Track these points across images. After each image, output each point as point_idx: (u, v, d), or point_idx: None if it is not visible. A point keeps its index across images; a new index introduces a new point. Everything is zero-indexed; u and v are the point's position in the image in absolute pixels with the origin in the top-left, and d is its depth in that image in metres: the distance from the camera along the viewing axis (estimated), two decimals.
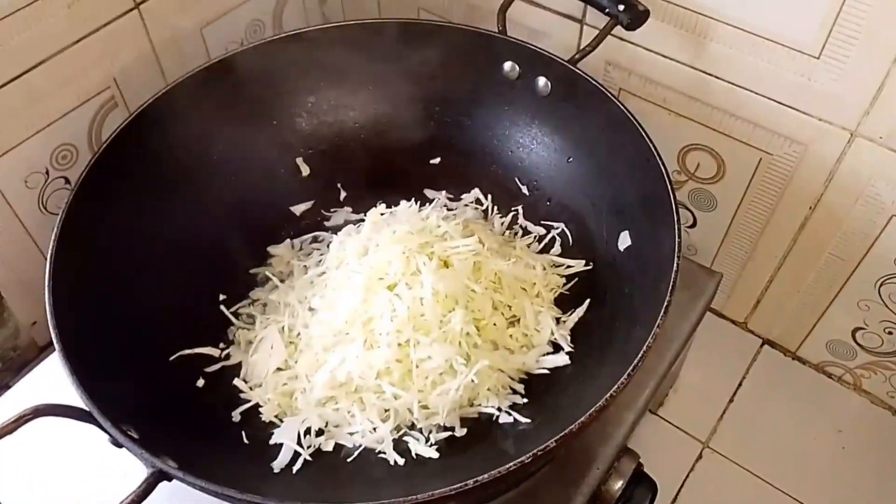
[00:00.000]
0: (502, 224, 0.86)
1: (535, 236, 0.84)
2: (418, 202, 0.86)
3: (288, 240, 0.85)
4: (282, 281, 0.81)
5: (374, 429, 0.69)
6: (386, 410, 0.71)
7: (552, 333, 0.75)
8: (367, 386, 0.70)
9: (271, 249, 0.84)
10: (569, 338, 0.75)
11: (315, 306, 0.75)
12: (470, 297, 0.73)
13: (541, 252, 0.83)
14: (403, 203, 0.85)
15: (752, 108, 0.83)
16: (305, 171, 0.89)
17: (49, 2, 0.74)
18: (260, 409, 0.72)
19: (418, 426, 0.70)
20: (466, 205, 0.87)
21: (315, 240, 0.86)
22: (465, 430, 0.70)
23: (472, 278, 0.74)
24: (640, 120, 0.73)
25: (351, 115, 0.90)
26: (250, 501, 0.52)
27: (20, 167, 0.79)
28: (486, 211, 0.87)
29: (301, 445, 0.68)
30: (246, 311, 0.80)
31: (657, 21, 0.82)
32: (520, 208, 0.86)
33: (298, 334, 0.75)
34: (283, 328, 0.76)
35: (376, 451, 0.69)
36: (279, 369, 0.74)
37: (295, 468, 0.67)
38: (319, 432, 0.69)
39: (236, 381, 0.73)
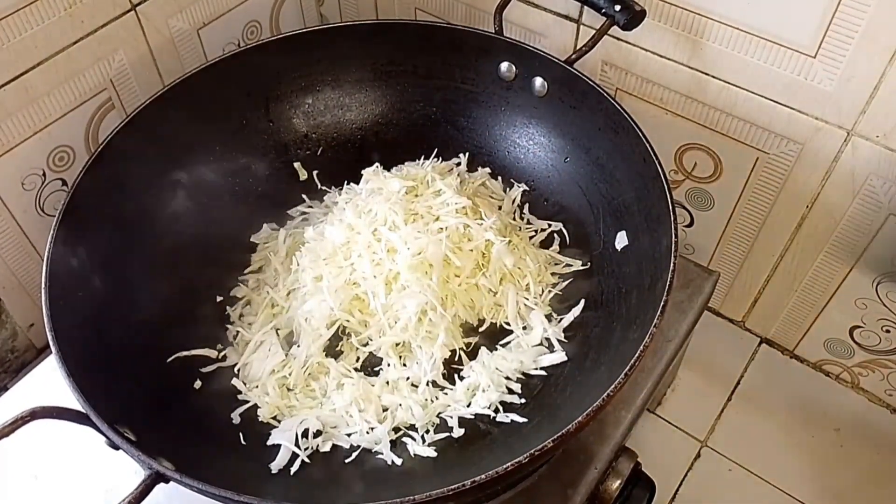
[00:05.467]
0: (513, 203, 0.86)
1: (537, 229, 0.84)
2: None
3: (265, 225, 0.86)
4: (260, 269, 0.83)
5: (372, 429, 0.69)
6: (384, 410, 0.71)
7: (544, 331, 0.75)
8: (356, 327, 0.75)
9: (254, 238, 0.85)
10: (562, 335, 0.75)
11: (308, 237, 0.79)
12: (447, 262, 0.75)
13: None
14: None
15: (749, 107, 0.83)
16: (303, 174, 0.89)
17: (47, 3, 0.74)
18: (258, 412, 0.72)
19: (416, 426, 0.70)
20: (482, 184, 0.87)
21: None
22: (462, 431, 0.70)
23: (457, 243, 0.76)
24: (637, 119, 0.73)
25: (348, 116, 0.91)
26: (248, 503, 0.52)
27: (17, 169, 0.79)
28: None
29: (298, 447, 0.68)
30: (240, 310, 0.80)
31: (653, 21, 0.82)
32: (522, 201, 0.86)
33: (289, 293, 0.78)
34: (278, 332, 0.76)
35: (374, 451, 0.69)
36: (276, 371, 0.74)
37: (293, 469, 0.67)
38: (317, 433, 0.69)
39: (234, 382, 0.74)
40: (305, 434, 0.69)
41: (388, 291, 0.73)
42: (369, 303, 0.74)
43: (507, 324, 0.77)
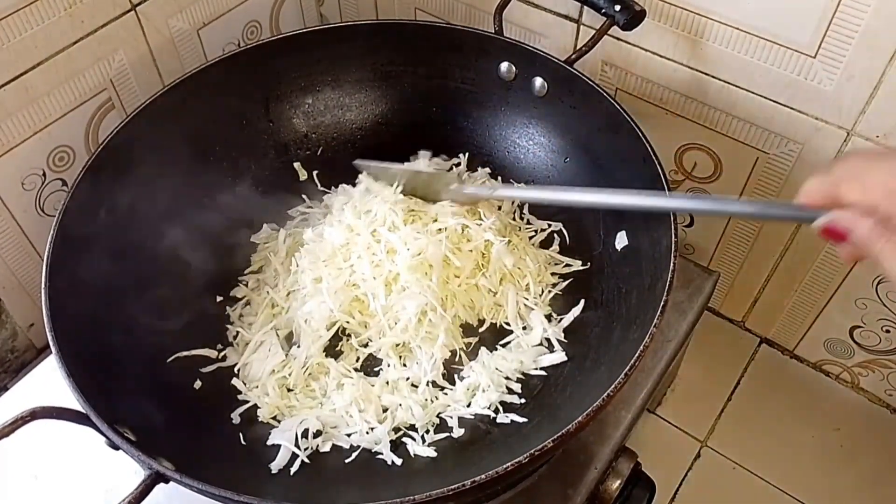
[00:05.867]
0: (513, 203, 0.86)
1: (537, 229, 0.84)
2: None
3: (265, 225, 0.86)
4: (260, 269, 0.83)
5: (372, 429, 0.69)
6: (384, 410, 0.71)
7: (544, 331, 0.75)
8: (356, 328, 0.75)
9: (254, 238, 0.85)
10: (562, 335, 0.75)
11: (307, 239, 0.79)
12: (446, 263, 0.75)
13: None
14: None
15: (749, 107, 0.83)
16: (303, 174, 0.89)
17: (47, 3, 0.74)
18: (258, 412, 0.72)
19: (416, 426, 0.70)
20: (483, 182, 0.87)
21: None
22: (462, 431, 0.70)
23: (457, 244, 0.75)
24: (637, 119, 0.73)
25: (348, 116, 0.91)
26: (248, 503, 0.52)
27: (17, 169, 0.79)
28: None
29: (298, 447, 0.68)
30: (240, 310, 0.80)
31: (653, 21, 0.82)
32: (522, 201, 0.86)
33: (289, 294, 0.78)
34: (277, 332, 0.76)
35: (374, 451, 0.69)
36: (276, 371, 0.74)
37: (293, 469, 0.67)
38: (317, 433, 0.69)
39: (235, 381, 0.74)
40: (305, 434, 0.69)
41: (387, 293, 0.73)
42: (369, 304, 0.74)
43: (507, 324, 0.77)
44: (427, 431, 0.70)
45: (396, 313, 0.73)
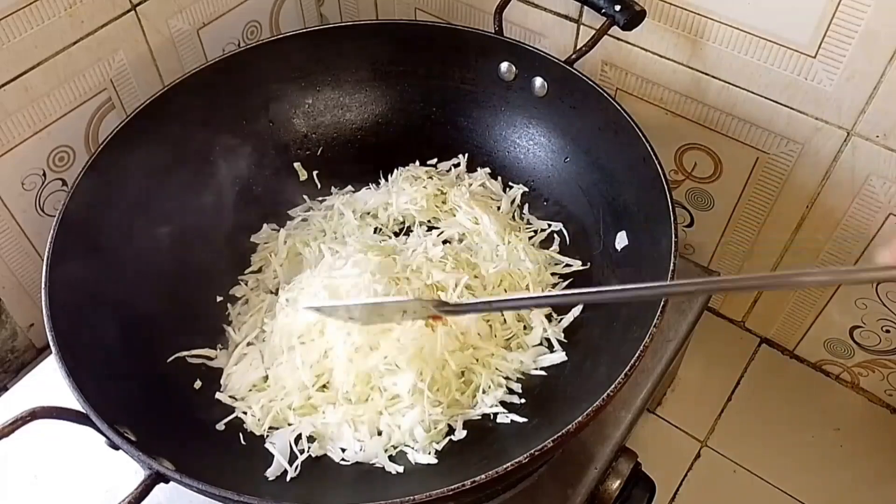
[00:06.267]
0: (512, 203, 0.86)
1: (536, 229, 0.84)
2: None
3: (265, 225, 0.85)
4: (260, 269, 0.82)
5: (363, 448, 0.67)
6: (379, 433, 0.69)
7: (544, 331, 0.75)
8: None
9: (254, 238, 0.84)
10: (562, 335, 0.75)
11: (282, 303, 0.75)
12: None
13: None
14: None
15: (749, 107, 0.83)
16: (303, 174, 0.89)
17: (47, 3, 0.74)
18: (244, 425, 0.70)
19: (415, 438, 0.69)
20: (482, 184, 0.87)
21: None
22: (464, 433, 0.69)
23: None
24: (637, 119, 0.73)
25: (348, 117, 0.91)
26: (248, 503, 0.52)
27: (17, 169, 0.79)
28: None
29: (296, 447, 0.67)
30: (239, 310, 0.79)
31: (653, 21, 0.82)
32: (522, 201, 0.86)
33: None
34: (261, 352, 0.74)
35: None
36: (256, 386, 0.72)
37: (293, 470, 0.67)
38: (311, 438, 0.68)
39: (219, 395, 0.72)
40: (300, 438, 0.68)
41: (365, 381, 0.68)
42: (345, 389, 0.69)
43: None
44: (429, 443, 0.68)
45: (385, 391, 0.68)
